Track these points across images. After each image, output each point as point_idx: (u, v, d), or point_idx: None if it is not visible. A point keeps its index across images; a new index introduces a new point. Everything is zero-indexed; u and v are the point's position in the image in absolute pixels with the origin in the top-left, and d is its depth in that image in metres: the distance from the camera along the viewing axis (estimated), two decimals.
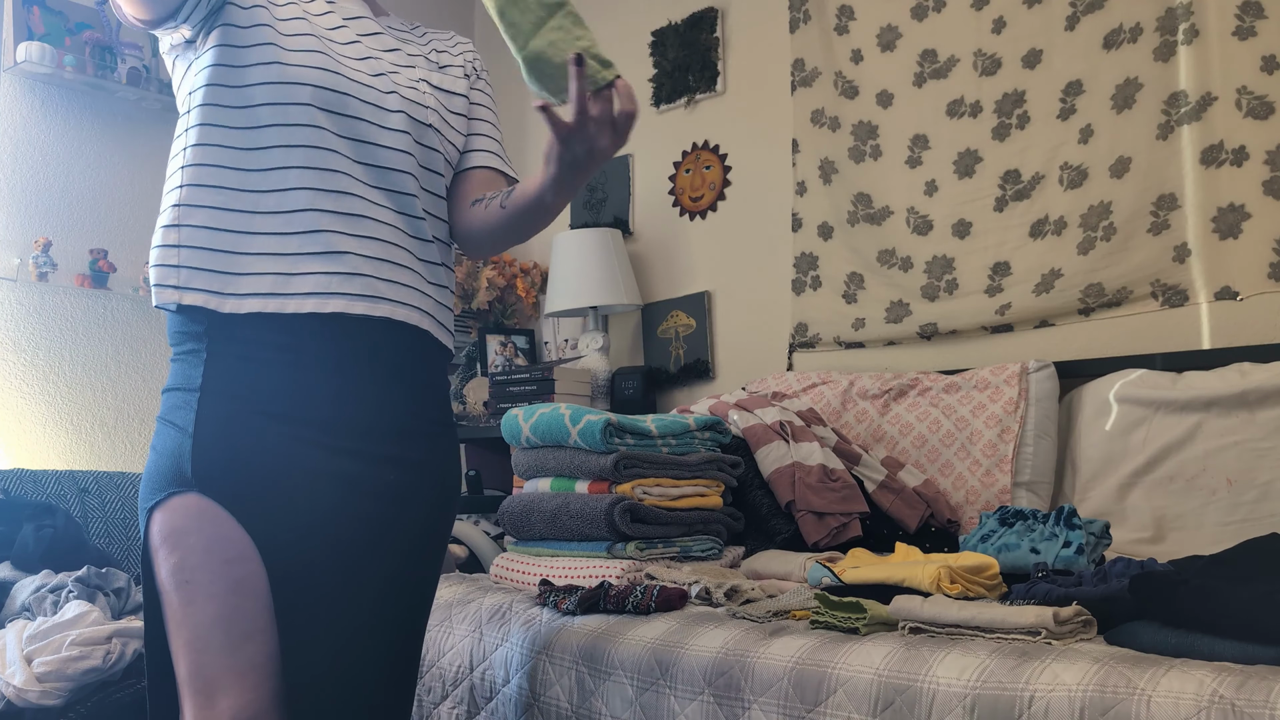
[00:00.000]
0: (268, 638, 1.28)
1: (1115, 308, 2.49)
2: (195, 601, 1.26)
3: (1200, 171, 2.37)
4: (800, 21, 3.07)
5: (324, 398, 1.33)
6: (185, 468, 1.28)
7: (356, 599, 1.35)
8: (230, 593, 1.27)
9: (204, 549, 1.27)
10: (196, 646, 1.27)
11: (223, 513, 1.27)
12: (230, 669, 1.26)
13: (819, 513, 2.15)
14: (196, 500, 1.28)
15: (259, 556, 1.28)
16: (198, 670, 1.27)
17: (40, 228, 2.91)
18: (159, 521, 1.29)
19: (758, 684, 1.43)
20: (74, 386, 2.94)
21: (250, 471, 1.29)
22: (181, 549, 1.27)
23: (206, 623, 1.26)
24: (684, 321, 3.33)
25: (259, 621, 1.28)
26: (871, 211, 2.89)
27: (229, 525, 1.27)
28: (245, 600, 1.27)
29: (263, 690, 1.28)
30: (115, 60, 2.98)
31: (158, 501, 1.30)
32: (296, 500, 1.30)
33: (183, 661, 1.28)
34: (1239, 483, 2.12)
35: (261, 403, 1.31)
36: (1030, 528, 1.78)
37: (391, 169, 1.41)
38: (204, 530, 1.27)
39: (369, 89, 1.41)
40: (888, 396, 2.59)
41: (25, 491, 2.48)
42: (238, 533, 1.27)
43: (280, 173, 1.34)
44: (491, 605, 1.91)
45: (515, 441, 2.19)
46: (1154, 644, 1.29)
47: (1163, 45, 2.43)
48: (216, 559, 1.27)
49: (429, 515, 1.44)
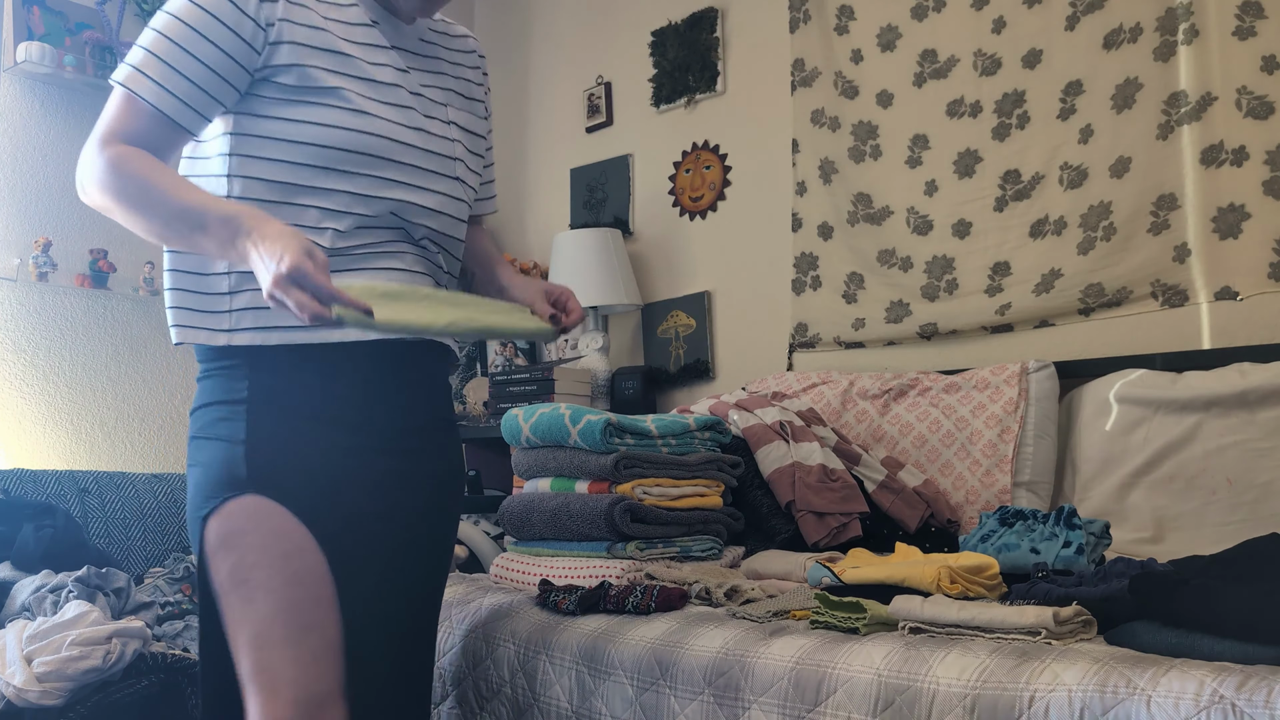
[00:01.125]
0: (328, 628, 1.33)
1: (1115, 308, 2.49)
2: (255, 600, 1.30)
3: (1200, 171, 2.37)
4: (800, 21, 3.07)
5: (357, 402, 1.41)
6: (239, 472, 1.33)
7: (401, 582, 1.44)
8: (289, 585, 1.30)
9: (261, 546, 1.31)
10: (258, 643, 1.30)
11: (280, 509, 1.32)
12: (294, 661, 1.30)
13: (819, 513, 2.15)
14: (254, 500, 1.32)
15: (317, 547, 1.33)
16: (261, 665, 1.30)
17: (40, 228, 2.91)
18: (214, 527, 1.33)
19: (758, 684, 1.43)
20: (74, 386, 2.94)
21: (300, 470, 1.35)
22: (239, 549, 1.31)
23: (267, 618, 1.30)
24: (684, 321, 3.33)
25: (318, 612, 1.32)
26: (871, 211, 2.89)
27: (286, 520, 1.32)
28: (304, 592, 1.31)
29: (326, 679, 1.31)
30: (115, 60, 2.98)
31: (212, 508, 1.33)
32: (343, 493, 1.37)
33: (245, 658, 1.31)
34: (1239, 483, 2.12)
35: (304, 409, 1.37)
36: (1030, 528, 1.78)
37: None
38: (261, 527, 1.32)
39: (409, 148, 1.45)
40: (888, 396, 2.59)
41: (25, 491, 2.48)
42: (295, 527, 1.32)
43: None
44: (491, 605, 1.91)
45: (515, 441, 2.19)
46: (1154, 644, 1.29)
47: (1163, 45, 2.43)
48: (274, 554, 1.31)
49: (450, 496, 1.57)
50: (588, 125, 3.64)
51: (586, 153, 3.64)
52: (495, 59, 3.98)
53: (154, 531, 2.66)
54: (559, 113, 3.75)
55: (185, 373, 3.15)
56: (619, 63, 3.58)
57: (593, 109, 3.63)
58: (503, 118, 3.87)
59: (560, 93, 3.77)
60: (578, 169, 3.65)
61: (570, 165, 3.68)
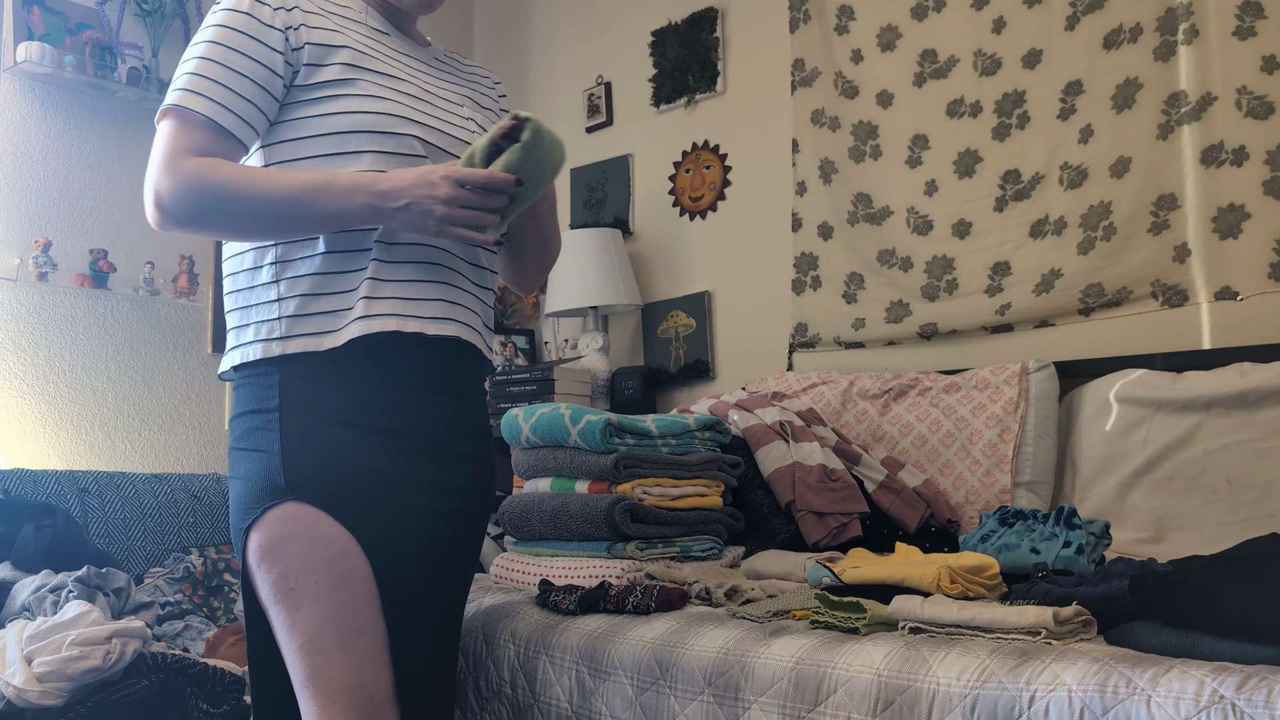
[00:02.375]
0: (377, 629, 1.33)
1: (1115, 308, 2.49)
2: (303, 607, 1.31)
3: (1200, 171, 2.37)
4: (800, 21, 3.07)
5: (397, 408, 1.40)
6: (277, 481, 1.33)
7: (441, 583, 1.45)
8: (336, 590, 1.31)
9: (305, 554, 1.31)
10: (310, 650, 1.31)
11: (321, 514, 1.32)
12: (348, 666, 1.30)
13: (819, 513, 2.15)
14: (294, 508, 1.32)
15: (361, 550, 1.33)
16: (316, 672, 1.30)
17: (40, 228, 2.91)
18: (256, 538, 1.34)
19: (758, 684, 1.43)
20: (74, 386, 2.94)
21: (339, 473, 1.34)
22: (284, 559, 1.32)
23: (317, 624, 1.30)
24: (684, 321, 3.33)
25: (366, 614, 1.32)
26: (871, 211, 2.89)
27: (328, 525, 1.32)
28: (352, 595, 1.31)
29: (382, 682, 1.32)
30: (115, 60, 2.98)
31: (254, 519, 1.34)
32: (384, 495, 1.37)
33: (300, 666, 1.32)
34: (1239, 483, 2.12)
35: (339, 415, 1.36)
36: (1030, 528, 1.78)
37: None
38: (304, 535, 1.32)
39: (427, 128, 1.46)
40: (888, 396, 2.59)
41: (25, 491, 2.48)
42: (337, 531, 1.32)
43: None
44: (491, 605, 1.91)
45: (515, 441, 2.19)
46: (1154, 644, 1.28)
47: (1163, 45, 2.43)
48: (319, 559, 1.31)
49: (482, 505, 1.56)
50: (588, 125, 3.64)
51: (587, 152, 3.64)
52: (495, 59, 3.98)
53: (154, 531, 2.66)
54: (559, 112, 3.75)
55: (185, 373, 3.15)
56: (619, 63, 3.58)
57: (593, 109, 3.63)
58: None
59: (560, 93, 3.77)
60: (578, 169, 3.65)
61: (570, 165, 3.68)
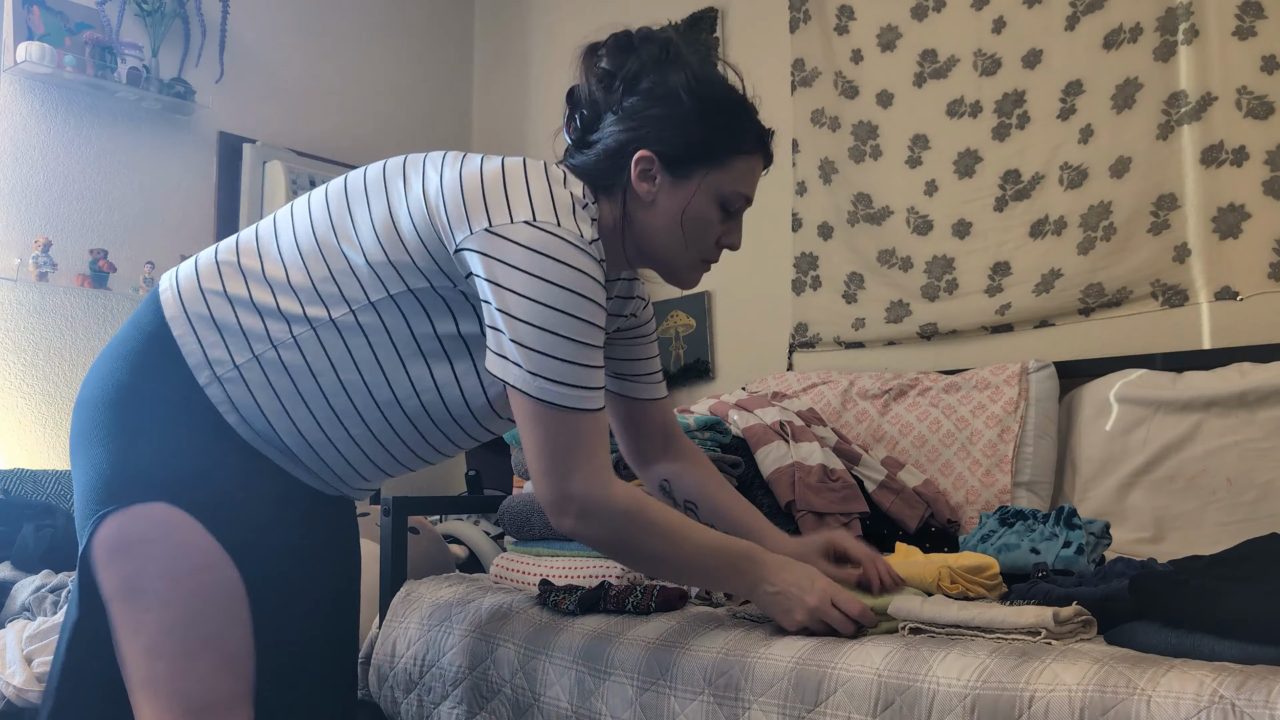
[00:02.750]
0: (229, 639, 1.29)
1: (1115, 308, 2.49)
2: (150, 609, 1.27)
3: (1200, 171, 2.37)
4: (800, 21, 3.08)
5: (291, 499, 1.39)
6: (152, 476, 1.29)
7: (318, 598, 1.42)
8: (190, 597, 1.27)
9: (163, 556, 1.27)
10: (152, 654, 1.27)
11: (191, 520, 1.28)
12: (187, 673, 1.27)
13: (819, 513, 2.14)
14: (162, 509, 1.28)
15: (231, 562, 1.29)
16: (154, 676, 1.27)
17: (40, 228, 2.91)
18: (113, 528, 1.29)
19: (758, 684, 1.43)
20: (74, 387, 2.94)
21: (223, 492, 1.31)
22: (138, 558, 1.28)
23: (163, 630, 1.27)
24: (684, 321, 3.33)
25: (218, 624, 1.29)
26: (871, 211, 2.89)
27: (197, 533, 1.28)
28: (206, 604, 1.28)
29: (222, 691, 1.29)
30: (115, 60, 2.98)
31: (115, 509, 1.29)
32: (259, 512, 1.33)
33: (137, 668, 1.28)
34: (1239, 483, 2.12)
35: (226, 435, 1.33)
36: (1030, 528, 1.78)
37: None
38: (169, 538, 1.28)
39: None
40: (888, 396, 2.59)
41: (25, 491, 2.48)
42: (206, 540, 1.28)
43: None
44: (491, 605, 1.91)
45: (515, 442, 2.19)
46: (1154, 644, 1.28)
47: (1163, 45, 2.43)
48: (180, 567, 1.28)
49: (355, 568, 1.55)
50: None
51: None
52: (495, 59, 3.98)
53: None
54: (560, 113, 3.73)
55: None
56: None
57: None
58: (503, 118, 3.87)
59: (560, 93, 3.75)
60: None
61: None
